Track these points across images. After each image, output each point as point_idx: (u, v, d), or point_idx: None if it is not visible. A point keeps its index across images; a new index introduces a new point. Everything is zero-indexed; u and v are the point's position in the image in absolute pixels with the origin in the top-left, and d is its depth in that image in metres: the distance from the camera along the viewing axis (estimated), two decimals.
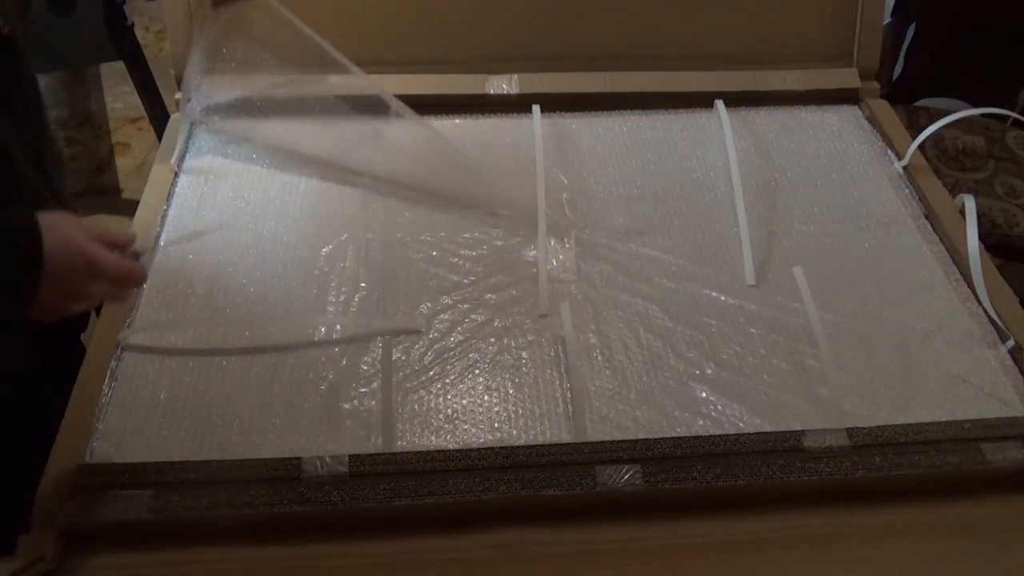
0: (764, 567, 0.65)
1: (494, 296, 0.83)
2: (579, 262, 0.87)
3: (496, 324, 0.80)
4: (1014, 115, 1.11)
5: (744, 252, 0.88)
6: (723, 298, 0.84)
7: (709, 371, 0.77)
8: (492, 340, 0.79)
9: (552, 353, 0.78)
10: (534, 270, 0.86)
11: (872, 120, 1.07)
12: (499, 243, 0.89)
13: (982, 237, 0.87)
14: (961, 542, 0.67)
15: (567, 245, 0.89)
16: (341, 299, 0.82)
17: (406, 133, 0.94)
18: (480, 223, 0.91)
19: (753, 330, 0.81)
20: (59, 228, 0.58)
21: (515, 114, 1.05)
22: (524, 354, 0.78)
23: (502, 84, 1.05)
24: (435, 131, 0.94)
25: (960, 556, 0.66)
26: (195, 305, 0.80)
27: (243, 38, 0.93)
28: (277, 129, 0.99)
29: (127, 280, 0.64)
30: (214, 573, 0.63)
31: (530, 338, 0.79)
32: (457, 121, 1.04)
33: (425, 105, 0.97)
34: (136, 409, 0.71)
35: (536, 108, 1.05)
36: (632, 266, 0.86)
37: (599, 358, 0.78)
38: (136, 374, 0.74)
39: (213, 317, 0.79)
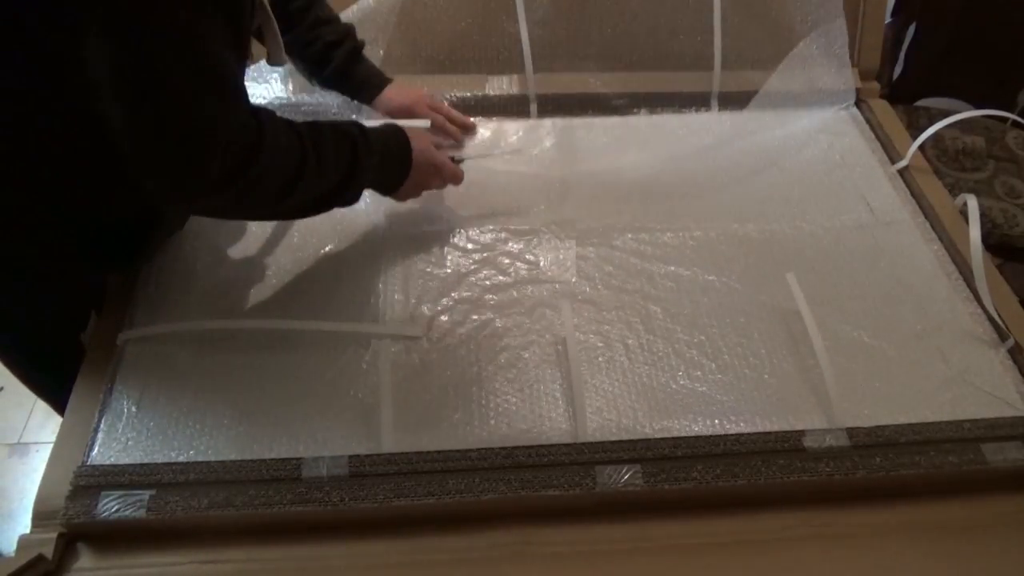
0: (764, 567, 0.65)
1: (494, 296, 0.83)
2: (579, 262, 0.87)
3: (496, 324, 0.80)
4: (1013, 116, 1.11)
5: (744, 252, 0.88)
6: (724, 298, 0.83)
7: (709, 371, 0.77)
8: (492, 340, 0.79)
9: (552, 353, 0.78)
10: (535, 270, 0.86)
11: (872, 120, 1.07)
12: (500, 243, 0.89)
13: (982, 237, 0.87)
14: (961, 542, 0.67)
15: (568, 245, 0.89)
16: (342, 300, 0.82)
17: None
18: (481, 223, 0.91)
19: (753, 331, 0.81)
20: (418, 139, 0.82)
21: (515, 114, 1.05)
22: (524, 354, 0.78)
23: (502, 84, 1.05)
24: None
25: (960, 556, 0.66)
26: (194, 307, 0.80)
27: None
28: None
29: (455, 180, 0.87)
30: (214, 573, 0.63)
31: (530, 338, 0.79)
32: None
33: None
34: (136, 409, 0.71)
35: (536, 108, 1.05)
36: (633, 266, 0.86)
37: (599, 358, 0.78)
38: (135, 374, 0.74)
39: (212, 319, 0.79)
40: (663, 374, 0.76)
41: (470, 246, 0.88)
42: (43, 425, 1.55)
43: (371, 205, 0.91)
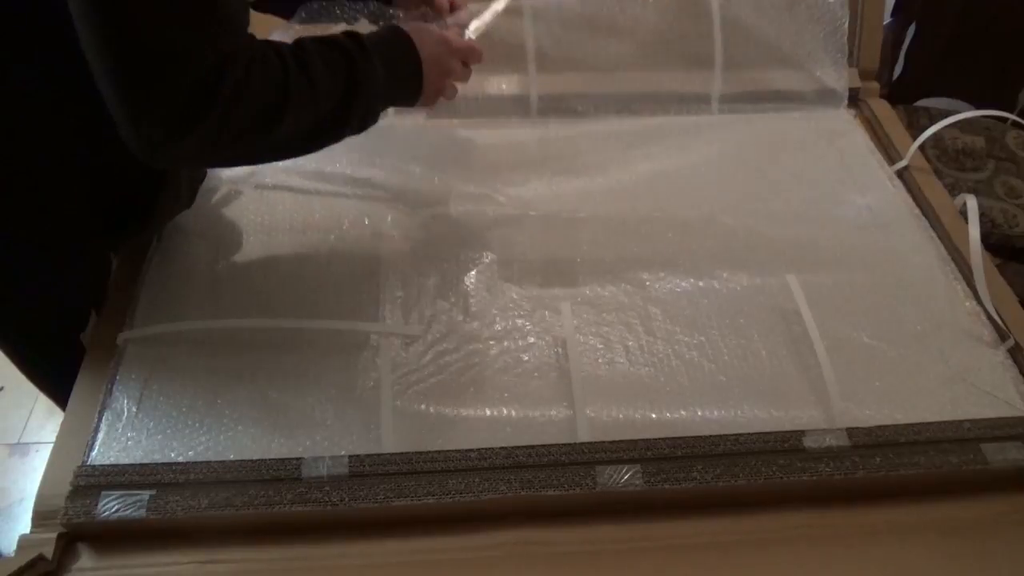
0: (764, 567, 0.65)
1: (495, 297, 0.83)
2: (579, 262, 0.87)
3: (497, 325, 0.80)
4: (1013, 116, 1.11)
5: (744, 253, 0.88)
6: (723, 300, 0.83)
7: (709, 372, 0.77)
8: (492, 341, 0.79)
9: (552, 355, 0.78)
10: (536, 270, 0.86)
11: (872, 120, 1.07)
12: (498, 244, 0.89)
13: (982, 237, 0.87)
14: (961, 542, 0.67)
15: (568, 246, 0.89)
16: (342, 299, 0.82)
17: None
18: (479, 224, 0.91)
19: (753, 331, 0.80)
20: (421, 35, 0.73)
21: (515, 115, 1.05)
22: (524, 356, 0.78)
23: (502, 84, 1.05)
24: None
25: (960, 556, 0.66)
26: (193, 307, 0.80)
27: None
28: None
29: (472, 55, 0.78)
30: (214, 573, 0.63)
31: (530, 340, 0.79)
32: (456, 121, 1.04)
33: None
34: (136, 409, 0.71)
35: (536, 108, 1.05)
36: (633, 267, 0.86)
37: (599, 360, 0.77)
38: (135, 374, 0.74)
39: (212, 319, 0.79)
40: (663, 375, 0.76)
41: (471, 246, 0.88)
42: (43, 425, 1.55)
43: (371, 203, 0.91)
